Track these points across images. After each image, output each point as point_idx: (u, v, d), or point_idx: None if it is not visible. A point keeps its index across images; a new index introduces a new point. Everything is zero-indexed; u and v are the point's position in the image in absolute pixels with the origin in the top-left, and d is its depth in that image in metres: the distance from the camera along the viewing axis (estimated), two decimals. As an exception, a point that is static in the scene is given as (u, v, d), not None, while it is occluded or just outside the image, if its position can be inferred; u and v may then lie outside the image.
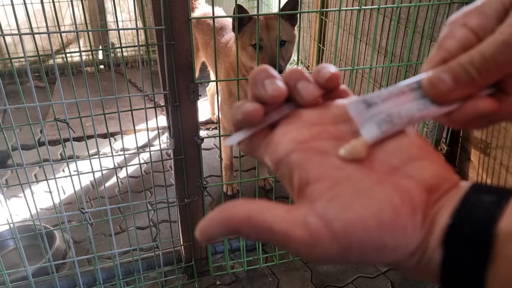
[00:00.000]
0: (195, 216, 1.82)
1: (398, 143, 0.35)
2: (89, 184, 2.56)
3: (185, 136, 1.63)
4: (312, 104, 0.38)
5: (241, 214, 0.33)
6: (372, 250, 0.31)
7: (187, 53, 1.49)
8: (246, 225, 0.33)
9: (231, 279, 1.97)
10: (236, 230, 0.33)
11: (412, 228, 0.31)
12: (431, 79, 0.35)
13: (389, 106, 0.35)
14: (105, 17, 3.64)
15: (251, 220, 0.32)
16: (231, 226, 0.33)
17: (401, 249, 0.31)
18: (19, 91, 1.41)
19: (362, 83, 2.70)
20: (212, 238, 0.34)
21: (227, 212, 0.33)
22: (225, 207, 0.34)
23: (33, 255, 1.96)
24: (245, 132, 0.38)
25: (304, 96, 0.37)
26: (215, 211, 0.34)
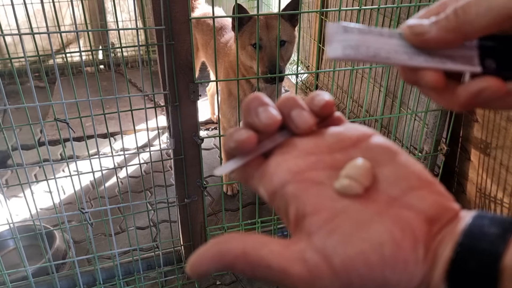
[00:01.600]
0: (195, 216, 1.82)
1: (396, 172, 0.34)
2: (89, 184, 2.56)
3: (185, 136, 1.63)
4: (307, 132, 0.37)
5: (236, 250, 0.32)
6: (373, 285, 0.29)
7: (187, 53, 1.48)
8: (241, 261, 0.31)
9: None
10: (230, 266, 0.32)
11: (414, 262, 0.30)
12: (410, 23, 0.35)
13: (363, 38, 0.36)
14: (105, 17, 3.64)
15: (247, 257, 0.31)
16: (225, 262, 0.32)
17: (403, 284, 0.30)
18: (19, 91, 1.41)
19: (362, 83, 2.70)
20: (204, 274, 0.32)
21: (221, 247, 0.32)
22: (218, 242, 0.32)
23: (33, 255, 1.96)
24: (237, 160, 0.37)
25: (298, 125, 0.37)
26: (208, 245, 0.33)
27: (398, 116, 2.17)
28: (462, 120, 1.98)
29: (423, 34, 0.34)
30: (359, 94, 2.76)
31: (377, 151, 0.35)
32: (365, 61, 0.36)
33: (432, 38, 0.34)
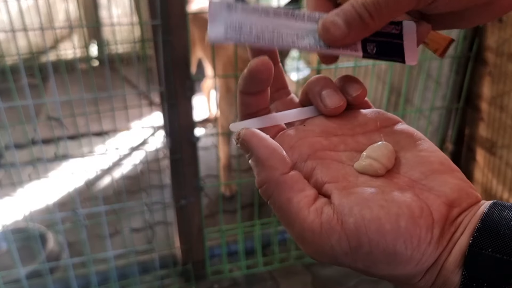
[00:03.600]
0: (192, 217, 1.79)
1: (419, 157, 0.33)
2: (83, 184, 2.52)
3: (181, 135, 1.60)
4: (334, 114, 0.37)
5: (283, 161, 0.33)
6: (382, 256, 0.29)
7: (184, 49, 1.47)
8: (275, 175, 0.32)
9: (229, 282, 1.94)
10: (268, 168, 0.32)
11: (428, 242, 0.29)
12: (325, 24, 0.34)
13: (249, 18, 0.34)
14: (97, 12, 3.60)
15: (284, 176, 0.32)
16: (269, 160, 0.32)
17: (414, 263, 0.29)
18: (12, 89, 1.38)
19: (365, 80, 2.66)
20: (246, 148, 0.33)
21: (276, 147, 0.33)
22: (276, 142, 0.33)
23: (25, 257, 1.92)
24: (255, 121, 0.36)
25: (328, 105, 0.37)
26: (265, 135, 0.33)
27: (402, 114, 2.14)
28: (468, 119, 1.95)
29: (342, 39, 0.35)
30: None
31: (401, 136, 0.35)
32: (252, 44, 0.34)
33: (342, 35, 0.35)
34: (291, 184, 0.32)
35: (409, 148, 0.34)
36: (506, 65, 1.72)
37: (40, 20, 1.26)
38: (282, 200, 0.32)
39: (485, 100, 1.85)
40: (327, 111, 0.37)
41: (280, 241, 2.06)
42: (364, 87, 0.38)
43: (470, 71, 1.85)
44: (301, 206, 0.31)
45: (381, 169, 0.33)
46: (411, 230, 0.29)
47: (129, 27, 3.83)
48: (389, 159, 0.33)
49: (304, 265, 2.01)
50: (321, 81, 0.38)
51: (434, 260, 0.30)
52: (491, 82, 1.81)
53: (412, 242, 0.29)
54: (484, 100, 1.86)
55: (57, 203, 2.29)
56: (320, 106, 0.37)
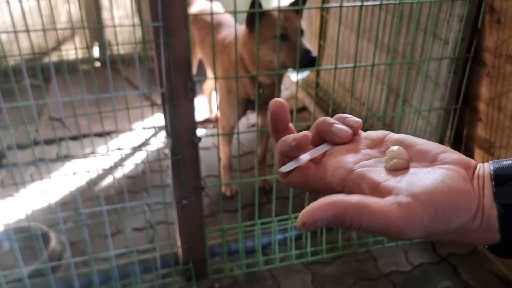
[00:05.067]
0: (193, 217, 1.79)
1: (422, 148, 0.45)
2: (85, 184, 2.52)
3: (182, 135, 1.60)
4: (347, 141, 0.48)
5: (347, 200, 0.39)
6: (452, 211, 0.39)
7: (185, 50, 1.47)
8: (352, 209, 0.38)
9: (230, 281, 1.94)
10: (341, 214, 0.38)
11: (470, 193, 0.40)
12: None
13: None
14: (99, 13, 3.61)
15: (355, 205, 0.38)
16: (337, 210, 0.38)
17: (468, 210, 0.39)
18: (14, 90, 1.39)
19: (364, 81, 2.66)
20: (315, 223, 0.38)
21: (333, 198, 0.39)
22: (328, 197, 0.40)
23: (28, 256, 1.92)
24: (296, 162, 0.47)
25: (341, 135, 0.48)
26: (318, 200, 0.39)
27: (401, 114, 2.14)
28: (466, 119, 1.96)
29: None
30: (361, 92, 2.72)
31: (400, 141, 0.47)
32: None
33: None
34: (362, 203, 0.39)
35: (411, 146, 0.45)
36: (504, 66, 1.72)
37: (42, 21, 1.26)
38: (368, 217, 0.38)
39: (483, 101, 1.85)
40: (341, 140, 0.48)
41: (280, 241, 2.07)
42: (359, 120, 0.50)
43: (469, 72, 1.85)
44: (383, 209, 0.38)
45: (405, 164, 0.43)
46: (455, 187, 0.39)
47: (131, 28, 3.84)
48: (405, 154, 0.44)
49: (304, 264, 2.02)
50: (326, 121, 0.49)
51: (477, 204, 0.39)
52: (490, 83, 1.81)
53: (462, 196, 0.39)
54: (482, 101, 1.86)
55: (59, 203, 2.30)
56: (335, 139, 0.48)
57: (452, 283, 1.92)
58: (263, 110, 2.25)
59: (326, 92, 3.19)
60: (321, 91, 3.24)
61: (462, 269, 1.97)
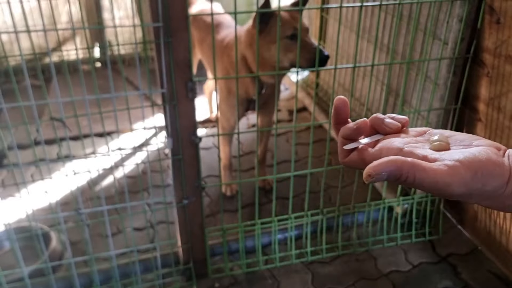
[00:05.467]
0: (194, 217, 1.79)
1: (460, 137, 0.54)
2: (85, 184, 2.53)
3: (183, 135, 1.61)
4: (396, 132, 0.58)
5: (404, 158, 0.48)
6: (488, 174, 0.48)
7: (185, 51, 1.47)
8: (408, 165, 0.47)
9: (230, 281, 1.95)
10: (400, 168, 0.47)
11: (503, 164, 0.49)
12: None
13: None
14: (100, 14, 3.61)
15: (410, 162, 0.48)
16: (397, 165, 0.47)
17: (501, 176, 0.48)
18: (15, 90, 1.39)
19: (364, 81, 2.67)
20: (379, 176, 0.47)
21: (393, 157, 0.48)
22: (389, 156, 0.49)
23: (29, 256, 1.93)
24: (357, 143, 0.57)
25: (392, 127, 0.57)
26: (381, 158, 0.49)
27: (400, 114, 2.15)
28: (465, 119, 1.96)
29: None
30: (361, 92, 2.73)
31: (441, 131, 0.56)
32: None
33: None
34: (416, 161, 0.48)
35: (450, 135, 0.54)
36: (504, 67, 1.72)
37: (42, 22, 1.27)
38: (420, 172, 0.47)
39: (483, 101, 1.86)
40: (392, 131, 0.57)
41: (280, 240, 2.07)
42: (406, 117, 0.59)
43: (468, 73, 1.85)
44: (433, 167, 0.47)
45: (447, 146, 0.52)
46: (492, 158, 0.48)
47: (131, 29, 3.84)
48: (447, 139, 0.53)
49: (304, 264, 2.02)
50: (380, 116, 0.58)
51: (509, 174, 0.49)
52: (489, 83, 1.81)
53: (496, 163, 0.48)
54: (482, 101, 1.86)
55: (60, 203, 2.31)
56: (386, 129, 0.57)
57: (451, 282, 1.92)
58: (263, 110, 2.25)
59: (326, 92, 3.19)
60: (321, 91, 3.25)
61: (462, 268, 1.98)
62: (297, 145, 2.86)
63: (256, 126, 2.87)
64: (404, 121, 0.58)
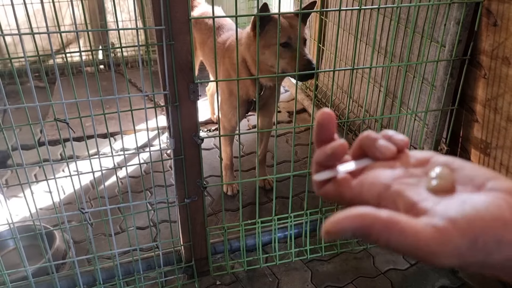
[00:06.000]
0: (195, 216, 1.82)
1: (472, 172, 0.40)
2: (89, 184, 2.56)
3: (185, 136, 1.63)
4: (390, 158, 0.45)
5: (375, 214, 0.36)
6: (493, 242, 0.34)
7: (187, 53, 1.49)
8: (379, 224, 0.35)
9: (231, 279, 1.97)
10: (368, 228, 0.36)
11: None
12: None
13: None
14: (105, 17, 3.64)
15: (384, 220, 0.35)
16: (364, 223, 0.36)
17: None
18: (19, 91, 1.41)
19: (362, 83, 2.70)
20: (340, 233, 0.36)
21: (362, 210, 0.37)
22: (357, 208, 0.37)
23: (33, 255, 1.95)
24: (333, 171, 0.45)
25: (384, 152, 0.45)
26: (346, 210, 0.37)
27: (398, 116, 2.17)
28: (462, 120, 1.98)
29: None
30: (359, 94, 2.76)
31: (448, 162, 0.42)
32: None
33: None
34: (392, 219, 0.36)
35: (459, 168, 0.41)
36: (501, 68, 1.74)
37: (46, 24, 1.29)
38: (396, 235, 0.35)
39: (479, 102, 1.88)
40: (384, 157, 0.45)
41: (280, 239, 2.09)
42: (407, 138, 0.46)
43: (465, 74, 1.87)
44: (415, 229, 0.35)
45: (448, 185, 0.39)
46: (502, 216, 0.35)
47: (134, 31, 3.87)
48: (451, 176, 0.40)
49: (304, 262, 2.05)
50: (372, 135, 0.46)
51: None
52: (486, 85, 1.83)
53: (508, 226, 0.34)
54: (478, 102, 1.88)
55: (64, 203, 2.34)
56: (377, 154, 0.45)
57: (449, 281, 1.94)
58: (263, 111, 2.28)
59: (325, 94, 3.22)
60: (320, 93, 3.27)
61: (459, 267, 1.99)
62: (297, 146, 2.89)
63: (256, 127, 2.90)
64: (402, 144, 0.45)
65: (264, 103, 2.22)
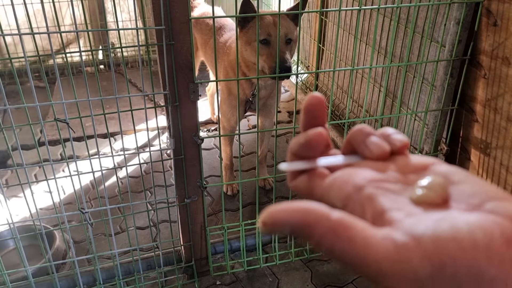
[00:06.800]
0: (195, 216, 1.82)
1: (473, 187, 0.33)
2: (89, 184, 2.56)
3: (185, 136, 1.63)
4: (380, 158, 0.38)
5: (323, 211, 0.30)
6: (467, 275, 0.27)
7: (187, 53, 1.49)
8: (324, 225, 0.29)
9: (231, 279, 1.97)
10: (310, 228, 0.29)
11: (510, 260, 0.27)
12: None
13: None
14: (105, 17, 3.64)
15: (331, 221, 0.29)
16: (307, 221, 0.30)
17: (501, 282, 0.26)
18: (19, 91, 1.41)
19: (362, 83, 2.70)
20: (278, 228, 0.30)
21: (307, 205, 0.30)
22: (304, 202, 0.31)
23: (33, 255, 1.96)
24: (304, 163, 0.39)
25: (373, 150, 0.38)
26: (291, 202, 0.31)
27: (398, 116, 2.17)
28: (462, 120, 1.98)
29: None
30: (359, 94, 2.76)
31: (447, 172, 0.35)
32: None
33: None
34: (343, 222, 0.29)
35: (459, 181, 0.34)
36: (501, 68, 1.74)
37: (46, 24, 1.29)
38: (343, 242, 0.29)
39: (479, 102, 1.88)
40: (373, 156, 0.38)
41: (280, 239, 2.10)
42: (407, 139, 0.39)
43: (465, 74, 1.87)
44: (367, 239, 0.28)
45: (436, 199, 0.32)
46: (489, 245, 0.27)
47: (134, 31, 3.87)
48: (443, 189, 0.33)
49: (303, 261, 2.05)
50: (365, 130, 0.39)
51: None
52: (486, 85, 1.83)
53: (494, 259, 0.27)
54: (478, 102, 1.88)
55: (64, 203, 2.34)
56: (366, 152, 0.38)
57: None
58: (262, 111, 2.29)
59: (325, 94, 3.22)
60: (320, 93, 3.27)
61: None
62: (297, 146, 2.89)
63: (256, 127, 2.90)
64: (399, 144, 0.38)
65: (264, 103, 2.22)
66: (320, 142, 0.39)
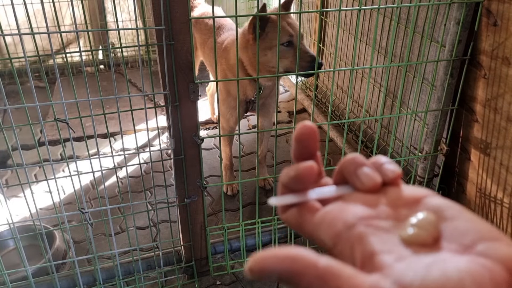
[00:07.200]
0: (195, 216, 1.82)
1: (466, 225, 0.32)
2: (89, 184, 2.56)
3: (185, 136, 1.63)
4: (371, 190, 0.37)
5: (310, 259, 0.29)
6: None
7: (187, 53, 1.49)
8: (312, 272, 0.29)
9: (231, 279, 1.97)
10: (298, 275, 0.29)
11: None
12: None
13: None
14: (105, 17, 3.64)
15: (319, 269, 0.29)
16: (295, 267, 0.29)
17: None
18: (19, 91, 1.41)
19: (362, 83, 2.70)
20: (265, 275, 0.30)
21: (294, 251, 0.30)
22: (290, 248, 0.31)
23: (33, 255, 1.96)
24: (294, 197, 0.39)
25: (365, 182, 0.37)
26: (278, 248, 0.31)
27: (398, 116, 2.17)
28: (462, 120, 1.98)
29: None
30: (359, 94, 2.76)
31: (441, 207, 0.34)
32: None
33: None
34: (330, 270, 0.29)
35: (452, 217, 0.33)
36: (501, 68, 1.74)
37: (46, 24, 1.29)
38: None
39: (479, 102, 1.88)
40: (364, 187, 0.37)
41: (280, 239, 2.09)
42: (399, 169, 0.39)
43: (465, 74, 1.87)
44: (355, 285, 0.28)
45: (427, 238, 0.32)
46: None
47: (134, 31, 3.87)
48: (434, 227, 0.32)
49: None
50: (357, 160, 0.39)
51: None
52: (486, 85, 1.83)
53: None
54: (478, 103, 1.88)
55: (64, 203, 2.34)
56: (357, 183, 0.38)
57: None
58: (262, 111, 2.29)
59: (325, 94, 3.22)
60: (320, 93, 3.27)
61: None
62: (297, 146, 2.89)
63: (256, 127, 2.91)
64: (391, 176, 0.38)
65: (263, 103, 2.22)
66: (310, 176, 0.38)
